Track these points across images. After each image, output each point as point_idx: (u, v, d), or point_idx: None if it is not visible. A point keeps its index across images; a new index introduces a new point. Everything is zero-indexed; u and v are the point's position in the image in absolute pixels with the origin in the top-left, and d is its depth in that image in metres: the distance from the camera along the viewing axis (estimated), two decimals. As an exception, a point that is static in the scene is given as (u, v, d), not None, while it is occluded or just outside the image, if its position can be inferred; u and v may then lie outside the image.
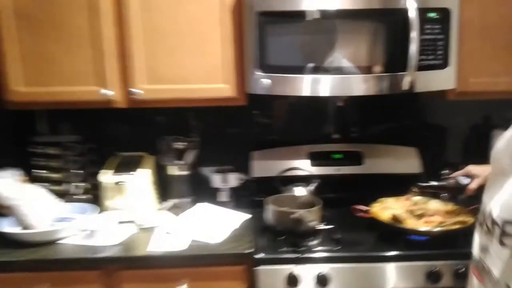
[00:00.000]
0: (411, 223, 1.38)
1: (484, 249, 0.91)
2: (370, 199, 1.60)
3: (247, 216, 1.64)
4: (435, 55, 1.50)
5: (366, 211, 1.50)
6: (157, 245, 1.39)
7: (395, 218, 1.39)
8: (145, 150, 1.79)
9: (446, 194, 1.50)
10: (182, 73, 1.53)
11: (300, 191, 1.64)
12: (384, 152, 1.84)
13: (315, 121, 1.95)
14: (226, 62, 1.53)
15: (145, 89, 1.53)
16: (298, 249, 1.33)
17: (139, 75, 1.52)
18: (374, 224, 1.46)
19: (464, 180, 1.35)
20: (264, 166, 1.82)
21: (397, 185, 1.76)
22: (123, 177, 1.62)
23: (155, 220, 1.57)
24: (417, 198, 1.60)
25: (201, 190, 1.83)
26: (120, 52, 1.52)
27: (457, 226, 1.34)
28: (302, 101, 1.90)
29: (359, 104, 1.91)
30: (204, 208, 1.72)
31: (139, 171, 1.67)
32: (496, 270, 0.85)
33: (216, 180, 1.83)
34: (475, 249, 0.97)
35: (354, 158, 1.83)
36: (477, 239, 0.96)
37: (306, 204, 1.50)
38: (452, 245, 1.34)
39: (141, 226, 1.54)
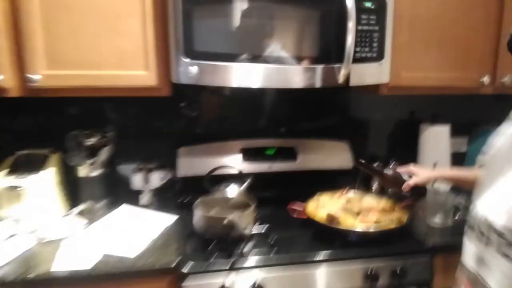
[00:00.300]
0: (348, 222, 1.31)
1: (479, 260, 0.84)
2: (305, 196, 1.52)
3: (172, 220, 1.47)
4: (370, 47, 1.45)
5: (302, 211, 1.40)
6: (63, 262, 1.16)
7: (331, 218, 1.32)
8: (50, 147, 1.52)
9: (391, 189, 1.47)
10: (91, 56, 1.30)
11: (231, 191, 1.50)
12: (317, 147, 1.77)
13: (247, 114, 1.82)
14: (146, 45, 1.33)
15: (44, 75, 1.27)
16: (230, 257, 1.20)
17: (37, 58, 1.26)
18: (310, 224, 1.37)
19: (405, 176, 1.33)
20: (192, 164, 1.65)
21: (331, 181, 1.72)
22: (20, 180, 1.35)
23: (61, 231, 1.33)
24: (352, 195, 1.55)
25: (119, 192, 1.62)
26: (13, 30, 1.24)
27: (394, 225, 1.30)
28: (233, 92, 1.76)
29: (290, 97, 1.82)
30: (122, 214, 1.51)
31: (42, 172, 1.40)
32: (495, 284, 0.78)
33: (137, 180, 1.62)
34: (468, 259, 0.90)
35: (288, 154, 1.74)
36: (469, 247, 0.89)
37: (239, 205, 1.36)
38: (388, 243, 1.30)
39: (43, 239, 1.29)
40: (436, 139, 1.86)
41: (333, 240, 1.30)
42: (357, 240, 1.28)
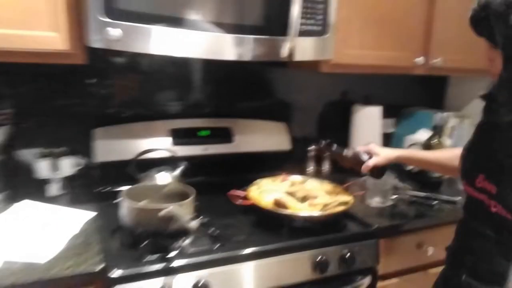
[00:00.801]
0: (295, 207, 1.22)
1: None
2: (244, 182, 1.39)
3: (91, 215, 1.23)
4: (315, 20, 1.34)
5: (245, 197, 1.27)
6: None
7: (278, 203, 1.21)
8: None
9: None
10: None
11: (162, 178, 1.31)
12: (254, 128, 1.65)
13: (177, 90, 1.61)
14: (54, -1, 1.06)
15: None
16: (168, 255, 1.02)
17: None
18: (255, 211, 1.25)
19: (365, 157, 1.26)
20: (112, 148, 1.41)
21: (270, 164, 1.62)
22: None
23: None
24: (295, 178, 1.46)
25: (20, 183, 1.33)
26: None
27: (341, 208, 1.23)
28: (159, 64, 1.54)
29: (225, 72, 1.66)
30: (25, 209, 1.23)
31: None
32: None
33: (43, 167, 1.35)
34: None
35: (223, 135, 1.58)
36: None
37: (174, 195, 1.18)
38: (336, 228, 1.23)
39: None
40: (369, 120, 1.86)
41: (281, 227, 1.19)
42: (306, 226, 1.20)
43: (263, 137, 1.64)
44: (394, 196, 1.49)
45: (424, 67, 1.67)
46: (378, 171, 1.27)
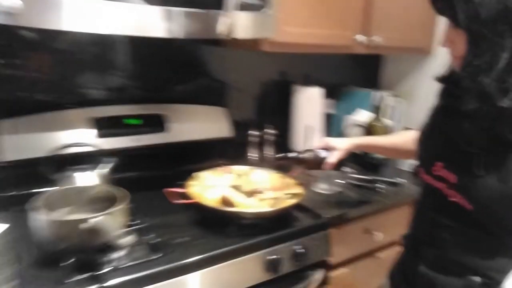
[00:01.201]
0: (243, 204, 1.11)
1: None
2: (183, 174, 1.25)
3: (1, 228, 1.01)
4: (255, -8, 1.21)
5: (184, 195, 1.13)
6: None
7: (225, 201, 1.09)
8: None
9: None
10: None
11: (87, 178, 1.12)
12: (190, 114, 1.49)
13: (99, 72, 1.39)
14: None
15: None
16: (98, 273, 0.86)
17: None
18: (198, 210, 1.12)
19: (323, 153, 1.18)
20: (23, 143, 1.18)
21: (210, 153, 1.49)
22: None
23: None
24: (238, 169, 1.34)
25: None
26: None
27: (292, 202, 1.14)
28: (79, 40, 1.31)
29: (155, 52, 1.47)
30: None
31: None
32: None
33: None
34: None
35: (155, 124, 1.41)
36: None
37: (102, 200, 1.01)
38: (285, 223, 1.15)
39: None
40: (310, 101, 1.79)
41: (227, 226, 1.08)
42: (255, 223, 1.10)
43: (201, 123, 1.50)
44: (339, 181, 1.45)
45: (364, 45, 1.62)
46: (339, 165, 1.21)
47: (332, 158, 1.17)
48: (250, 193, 1.16)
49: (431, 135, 0.94)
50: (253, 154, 1.69)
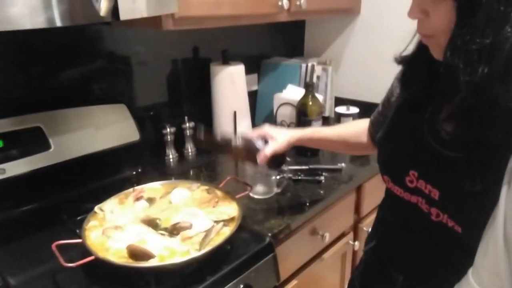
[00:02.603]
0: (162, 253, 0.82)
1: None
2: (80, 202, 0.93)
3: None
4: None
5: (81, 248, 0.81)
6: None
7: (134, 253, 0.80)
8: None
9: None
10: None
11: None
12: (79, 120, 1.14)
13: None
14: None
15: None
16: None
17: None
18: (99, 269, 0.82)
19: (259, 143, 0.95)
20: None
21: (114, 166, 1.18)
22: None
23: None
24: (151, 188, 1.05)
25: None
26: None
27: (226, 233, 0.89)
28: None
29: (23, 44, 1.08)
30: None
31: None
32: None
33: None
34: None
35: (31, 142, 1.04)
36: None
37: None
38: (221, 261, 0.89)
39: None
40: (231, 79, 1.51)
41: (144, 285, 0.81)
42: (184, 273, 0.84)
43: (96, 130, 1.15)
44: (278, 177, 1.24)
45: (288, 11, 1.37)
46: (276, 160, 0.97)
47: (268, 150, 0.93)
48: (172, 230, 0.87)
49: (395, 135, 0.74)
50: (170, 155, 1.40)
